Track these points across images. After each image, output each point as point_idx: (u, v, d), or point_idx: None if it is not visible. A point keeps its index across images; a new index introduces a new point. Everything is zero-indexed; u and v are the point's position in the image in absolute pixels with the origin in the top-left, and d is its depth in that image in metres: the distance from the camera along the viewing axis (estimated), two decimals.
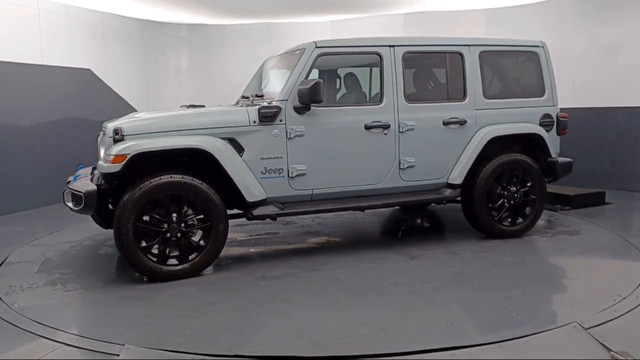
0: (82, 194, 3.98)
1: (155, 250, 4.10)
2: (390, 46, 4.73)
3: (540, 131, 5.12)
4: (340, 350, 2.86)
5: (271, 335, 3.16)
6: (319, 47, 4.53)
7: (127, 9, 9.19)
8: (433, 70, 5.26)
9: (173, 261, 4.13)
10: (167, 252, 4.12)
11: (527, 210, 5.10)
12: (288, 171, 4.40)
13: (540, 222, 5.51)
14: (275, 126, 4.35)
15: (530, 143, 5.20)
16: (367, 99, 5.34)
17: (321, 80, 4.28)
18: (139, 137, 4.10)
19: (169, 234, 4.07)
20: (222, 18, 10.20)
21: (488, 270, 4.21)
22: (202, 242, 4.18)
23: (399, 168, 4.72)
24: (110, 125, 4.15)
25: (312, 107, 4.39)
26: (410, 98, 4.80)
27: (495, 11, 8.93)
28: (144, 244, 4.05)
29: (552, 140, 5.19)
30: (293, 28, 10.18)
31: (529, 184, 5.05)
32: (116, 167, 3.92)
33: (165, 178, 4.03)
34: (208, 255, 4.18)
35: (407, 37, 5.19)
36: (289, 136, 4.38)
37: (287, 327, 3.23)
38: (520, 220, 5.10)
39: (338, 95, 5.42)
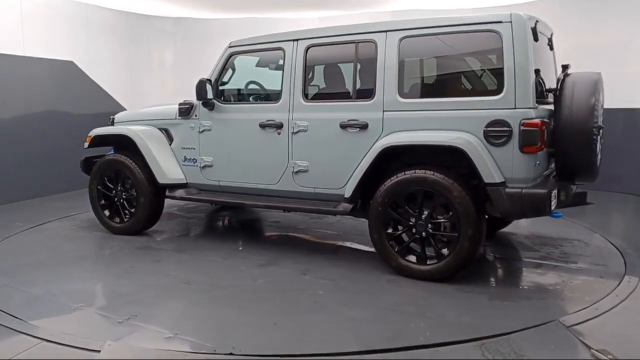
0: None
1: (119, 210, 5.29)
2: (293, 40, 4.42)
3: (463, 144, 3.64)
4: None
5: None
6: (231, 46, 4.74)
7: (111, 1, 9.06)
8: (341, 64, 4.62)
9: (117, 219, 5.28)
10: (114, 213, 5.28)
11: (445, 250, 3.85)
12: (200, 161, 4.90)
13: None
14: (191, 120, 4.95)
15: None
16: (271, 98, 5.03)
17: (204, 79, 4.66)
18: (120, 124, 5.43)
19: (115, 199, 5.24)
20: (209, 12, 10.12)
21: (279, 291, 3.72)
22: (133, 210, 5.16)
23: (292, 171, 4.42)
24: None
25: (217, 103, 4.77)
26: (309, 97, 4.44)
27: (481, 10, 8.97)
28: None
29: (504, 158, 3.60)
30: (280, 24, 10.10)
31: (451, 214, 3.77)
32: (86, 145, 5.37)
33: (111, 156, 5.21)
34: (136, 220, 5.14)
35: (313, 29, 4.52)
36: (199, 130, 4.89)
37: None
38: (435, 261, 3.88)
39: (249, 94, 5.27)
